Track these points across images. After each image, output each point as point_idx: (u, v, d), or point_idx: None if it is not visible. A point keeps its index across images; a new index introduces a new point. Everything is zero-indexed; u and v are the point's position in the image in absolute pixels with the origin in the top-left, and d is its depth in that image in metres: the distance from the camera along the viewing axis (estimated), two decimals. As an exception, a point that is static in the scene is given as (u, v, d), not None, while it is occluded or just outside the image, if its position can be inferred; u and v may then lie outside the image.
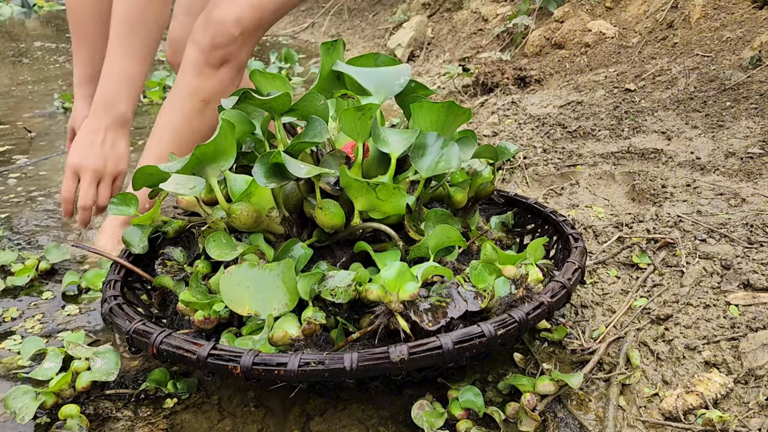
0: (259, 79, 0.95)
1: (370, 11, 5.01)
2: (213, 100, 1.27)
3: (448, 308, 0.78)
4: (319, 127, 0.89)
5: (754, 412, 0.76)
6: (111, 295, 0.89)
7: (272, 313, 0.81)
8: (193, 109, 1.28)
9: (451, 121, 0.92)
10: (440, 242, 0.87)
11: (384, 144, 0.90)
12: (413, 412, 0.80)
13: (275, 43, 5.16)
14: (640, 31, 2.57)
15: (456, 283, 0.83)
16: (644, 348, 0.91)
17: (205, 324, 0.84)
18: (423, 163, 0.90)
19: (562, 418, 0.81)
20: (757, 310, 0.90)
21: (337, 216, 0.87)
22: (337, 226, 0.88)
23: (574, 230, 1.03)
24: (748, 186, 1.30)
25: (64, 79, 3.59)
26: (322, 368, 0.71)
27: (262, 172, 0.82)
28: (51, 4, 9.54)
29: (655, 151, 1.55)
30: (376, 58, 1.03)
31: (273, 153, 0.81)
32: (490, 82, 2.49)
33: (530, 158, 1.65)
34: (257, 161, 0.82)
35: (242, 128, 0.95)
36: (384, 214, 0.88)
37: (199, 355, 0.74)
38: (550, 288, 0.85)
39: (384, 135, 0.91)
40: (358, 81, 0.95)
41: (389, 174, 0.89)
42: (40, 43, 5.29)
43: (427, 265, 0.81)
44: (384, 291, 0.77)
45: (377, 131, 0.91)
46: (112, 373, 0.86)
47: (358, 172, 0.90)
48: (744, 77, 1.83)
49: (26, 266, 1.24)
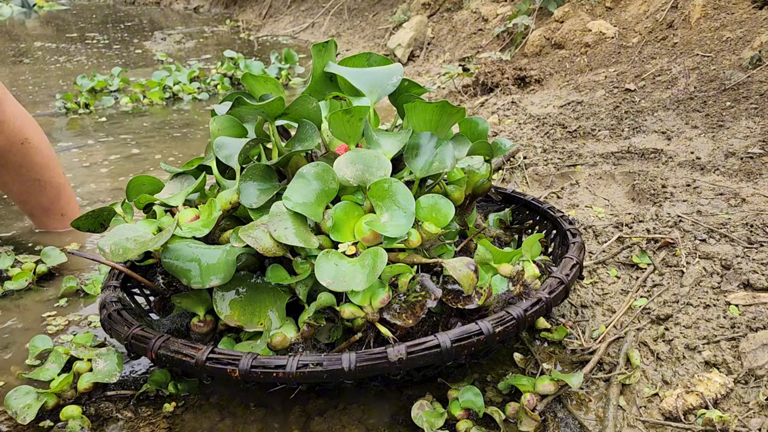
0: (251, 82, 0.95)
1: (370, 11, 5.01)
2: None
3: (426, 301, 0.78)
4: (309, 131, 0.90)
5: (754, 412, 0.76)
6: (110, 301, 0.89)
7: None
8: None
9: (445, 121, 0.92)
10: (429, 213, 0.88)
11: (376, 146, 0.91)
12: (413, 412, 0.80)
13: (275, 44, 5.16)
14: (640, 31, 2.57)
15: (426, 275, 0.83)
16: (644, 348, 0.91)
17: (200, 327, 0.84)
18: (417, 163, 0.90)
19: (562, 418, 0.81)
20: (757, 310, 0.90)
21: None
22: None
23: (572, 226, 1.03)
24: (748, 186, 1.30)
25: (65, 79, 3.60)
26: (320, 369, 0.71)
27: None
28: (51, 4, 9.55)
29: (655, 151, 1.55)
30: (368, 58, 1.03)
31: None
32: (490, 82, 2.49)
33: (530, 158, 1.65)
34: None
35: (235, 133, 0.95)
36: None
37: (197, 359, 0.74)
38: (548, 284, 0.85)
39: (376, 137, 0.92)
40: (351, 82, 0.95)
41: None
42: (40, 43, 5.29)
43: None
44: (356, 307, 0.78)
45: (369, 134, 0.91)
46: (114, 374, 0.86)
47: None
48: (744, 77, 1.83)
49: (24, 270, 1.23)
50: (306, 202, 0.82)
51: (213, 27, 6.55)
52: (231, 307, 0.82)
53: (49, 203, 1.43)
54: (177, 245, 0.80)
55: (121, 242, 0.79)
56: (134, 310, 0.91)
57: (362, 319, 0.79)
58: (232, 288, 0.83)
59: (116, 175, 1.92)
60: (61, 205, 1.45)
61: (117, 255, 0.77)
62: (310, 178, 0.84)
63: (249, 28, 6.42)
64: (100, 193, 1.76)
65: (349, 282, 0.75)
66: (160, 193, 0.94)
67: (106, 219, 0.96)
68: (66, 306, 1.16)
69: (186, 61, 4.17)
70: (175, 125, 2.56)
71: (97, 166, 2.02)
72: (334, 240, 0.82)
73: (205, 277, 0.79)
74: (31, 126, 1.36)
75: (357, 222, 0.83)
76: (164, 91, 3.07)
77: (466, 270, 0.78)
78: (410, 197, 0.83)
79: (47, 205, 1.43)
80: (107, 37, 5.87)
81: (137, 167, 2.00)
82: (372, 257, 0.77)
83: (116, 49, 4.98)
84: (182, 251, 0.80)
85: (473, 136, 1.04)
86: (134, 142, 2.30)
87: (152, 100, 3.00)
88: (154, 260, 0.90)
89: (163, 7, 9.50)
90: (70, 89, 3.19)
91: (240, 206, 0.88)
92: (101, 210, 0.94)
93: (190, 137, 2.37)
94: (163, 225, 0.85)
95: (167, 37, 5.64)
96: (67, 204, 1.46)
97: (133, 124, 2.59)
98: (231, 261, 0.80)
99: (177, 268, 0.79)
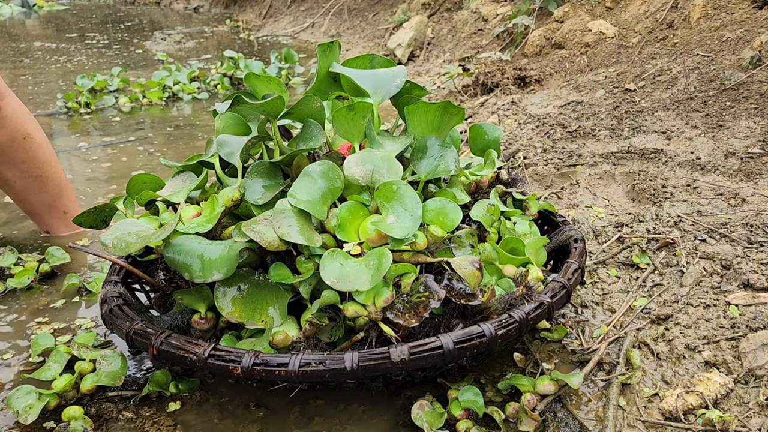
0: (254, 82, 0.95)
1: (370, 11, 5.01)
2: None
3: (430, 301, 0.79)
4: (314, 130, 0.90)
5: (754, 412, 0.76)
6: (111, 296, 0.89)
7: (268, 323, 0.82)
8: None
9: (447, 122, 0.93)
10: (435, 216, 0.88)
11: (378, 146, 0.92)
12: (413, 413, 0.80)
13: (275, 44, 5.16)
14: (640, 31, 2.57)
15: (430, 276, 0.83)
16: (644, 348, 0.91)
17: (201, 324, 0.84)
18: (422, 165, 0.91)
19: (562, 418, 0.81)
20: (757, 310, 0.90)
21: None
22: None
23: (574, 230, 1.03)
24: (748, 186, 1.30)
25: (65, 79, 3.60)
26: (323, 368, 0.71)
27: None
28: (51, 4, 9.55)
29: (655, 151, 1.55)
30: (371, 60, 1.03)
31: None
32: (490, 82, 2.49)
33: (530, 158, 1.66)
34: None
35: (239, 130, 0.95)
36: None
37: (199, 355, 0.74)
38: (551, 288, 0.85)
39: (378, 139, 0.93)
40: (356, 82, 0.96)
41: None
42: (40, 43, 5.29)
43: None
44: (360, 306, 0.78)
45: (371, 134, 0.92)
46: (119, 378, 0.86)
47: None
48: (744, 77, 1.83)
49: (26, 268, 1.23)
50: (311, 200, 0.82)
51: (213, 27, 6.55)
52: (232, 303, 0.82)
53: (51, 201, 1.43)
54: (179, 240, 0.80)
55: (123, 236, 0.79)
56: (135, 306, 0.91)
57: (365, 318, 0.79)
58: (234, 284, 0.83)
59: (116, 175, 1.92)
60: (63, 203, 1.45)
61: (119, 249, 0.77)
62: (316, 177, 0.84)
63: (249, 28, 6.42)
64: (101, 193, 1.77)
65: (354, 282, 0.75)
66: (162, 190, 0.94)
67: (107, 216, 0.96)
68: (67, 304, 1.16)
69: (186, 61, 4.17)
70: (175, 125, 2.56)
71: (98, 165, 2.03)
72: (339, 239, 0.82)
73: (207, 271, 0.79)
74: (32, 122, 1.37)
75: (362, 222, 0.84)
76: (164, 91, 3.07)
77: (472, 268, 0.79)
78: (417, 200, 0.83)
79: (50, 202, 1.43)
80: (107, 37, 5.87)
81: (137, 167, 2.00)
82: (377, 257, 0.77)
83: (116, 49, 4.98)
84: (184, 246, 0.80)
85: (484, 144, 1.06)
86: (134, 141, 2.30)
87: (152, 99, 3.00)
88: (155, 256, 0.91)
89: (163, 7, 9.50)
90: (70, 89, 3.18)
91: (242, 204, 0.88)
92: (103, 206, 0.94)
93: (190, 137, 2.37)
94: (165, 221, 0.85)
95: (167, 37, 5.63)
96: (69, 202, 1.47)
97: (133, 124, 2.59)
98: (233, 256, 0.80)
99: (179, 262, 0.79)
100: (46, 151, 1.40)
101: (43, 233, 1.48)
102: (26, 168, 1.37)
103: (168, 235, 0.79)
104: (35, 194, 1.41)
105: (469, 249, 0.88)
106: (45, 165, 1.39)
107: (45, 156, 1.39)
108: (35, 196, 1.41)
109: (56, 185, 1.43)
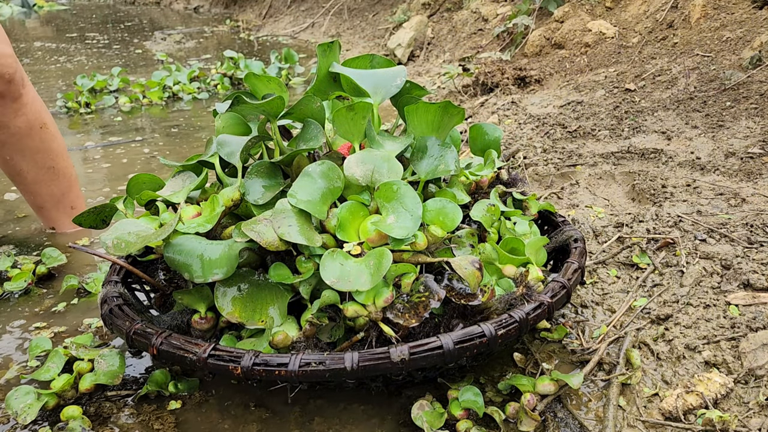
0: (254, 81, 0.95)
1: (370, 11, 5.01)
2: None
3: (430, 301, 0.79)
4: (315, 130, 0.90)
5: (754, 412, 0.76)
6: (111, 296, 0.89)
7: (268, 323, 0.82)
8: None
9: (447, 122, 0.93)
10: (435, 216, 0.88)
11: (378, 146, 0.92)
12: (413, 413, 0.80)
13: (275, 44, 5.16)
14: (640, 31, 2.57)
15: (430, 276, 0.83)
16: (644, 348, 0.91)
17: (201, 324, 0.84)
18: (422, 165, 0.91)
19: (562, 418, 0.81)
20: (757, 310, 0.90)
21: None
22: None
23: (574, 230, 1.03)
24: (748, 186, 1.30)
25: (65, 79, 3.60)
26: (323, 368, 0.71)
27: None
28: (51, 4, 9.55)
29: (655, 151, 1.55)
30: (371, 60, 1.03)
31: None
32: (490, 82, 2.49)
33: (530, 158, 1.66)
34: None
35: (239, 130, 0.95)
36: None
37: (199, 355, 0.74)
38: (550, 288, 0.85)
39: (378, 139, 0.93)
40: (356, 82, 0.96)
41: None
42: (40, 43, 5.29)
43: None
44: (360, 306, 0.78)
45: (371, 134, 0.92)
46: (117, 376, 0.86)
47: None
48: (744, 77, 1.83)
49: (23, 271, 1.22)
50: (311, 199, 0.82)
51: (213, 27, 6.55)
52: (232, 303, 0.82)
53: (60, 194, 1.42)
54: (179, 240, 0.80)
55: (123, 236, 0.79)
56: (135, 306, 0.91)
57: (365, 318, 0.79)
58: (234, 284, 0.83)
59: (117, 175, 1.92)
60: (71, 198, 1.44)
61: (119, 248, 0.77)
62: (316, 177, 0.84)
63: (249, 28, 6.42)
64: (101, 193, 1.77)
65: (354, 282, 0.75)
66: (162, 190, 0.94)
67: (107, 215, 0.96)
68: (66, 306, 1.15)
69: (186, 61, 4.17)
70: (175, 125, 2.56)
71: (98, 165, 2.03)
72: (339, 239, 0.82)
73: (207, 271, 0.79)
74: (48, 113, 1.38)
75: (362, 222, 0.84)
76: (164, 91, 3.07)
77: (472, 268, 0.79)
78: (418, 201, 0.83)
79: (59, 195, 1.42)
80: (107, 37, 5.87)
81: (137, 166, 2.00)
82: (377, 257, 0.77)
83: (116, 49, 4.98)
84: (184, 246, 0.80)
85: (484, 144, 1.05)
86: (134, 141, 2.30)
87: (152, 99, 3.00)
88: (155, 256, 0.90)
89: (163, 7, 9.50)
90: (70, 89, 3.18)
91: (241, 204, 0.88)
92: (103, 206, 0.94)
93: (190, 137, 2.37)
94: (165, 221, 0.85)
95: (167, 37, 5.64)
96: (76, 198, 1.46)
97: (133, 124, 2.59)
98: (233, 255, 0.80)
99: (179, 262, 0.79)
100: (60, 143, 1.40)
101: (48, 230, 1.48)
102: (40, 158, 1.36)
103: (168, 235, 0.79)
104: (46, 186, 1.40)
105: (470, 249, 0.88)
106: (58, 157, 1.39)
107: (59, 148, 1.40)
108: (46, 188, 1.40)
109: (67, 179, 1.43)
